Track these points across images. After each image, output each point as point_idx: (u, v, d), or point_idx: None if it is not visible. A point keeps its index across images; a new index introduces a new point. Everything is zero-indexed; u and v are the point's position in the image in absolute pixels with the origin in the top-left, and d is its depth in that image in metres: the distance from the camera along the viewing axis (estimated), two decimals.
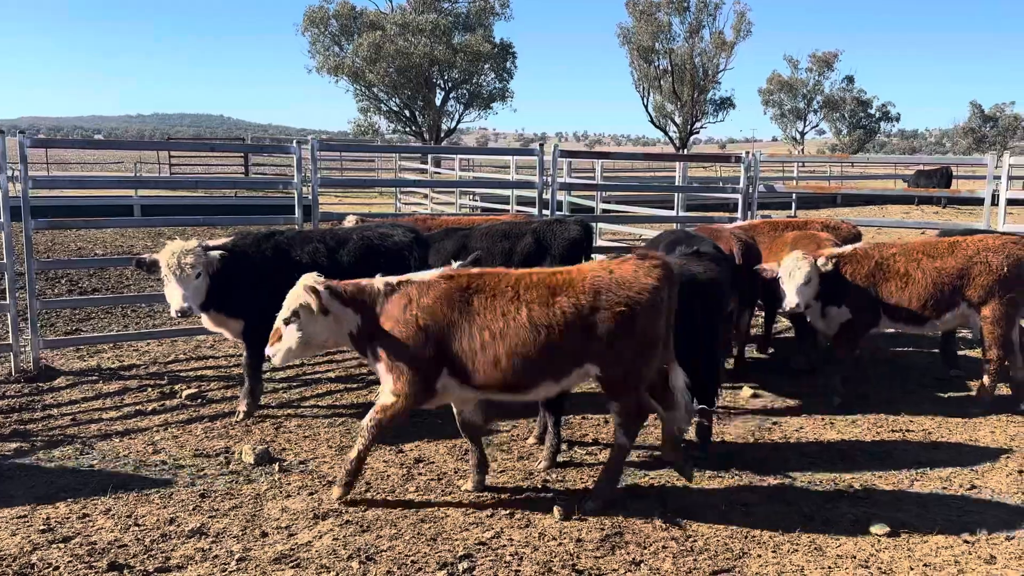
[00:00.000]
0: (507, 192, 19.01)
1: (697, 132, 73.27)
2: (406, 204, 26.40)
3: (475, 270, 5.38)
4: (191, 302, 6.40)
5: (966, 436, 6.87)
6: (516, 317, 4.98)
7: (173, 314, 6.47)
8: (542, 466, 6.00)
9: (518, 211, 15.85)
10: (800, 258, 7.13)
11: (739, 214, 11.02)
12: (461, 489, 5.61)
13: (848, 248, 7.45)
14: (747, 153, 10.99)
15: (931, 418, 7.29)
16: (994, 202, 9.99)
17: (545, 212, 10.33)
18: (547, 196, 10.20)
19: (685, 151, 62.09)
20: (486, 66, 55.02)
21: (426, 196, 25.10)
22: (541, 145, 10.08)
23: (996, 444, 6.68)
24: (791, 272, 7.14)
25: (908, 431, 6.98)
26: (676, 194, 13.29)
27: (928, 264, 7.26)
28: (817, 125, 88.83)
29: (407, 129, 57.07)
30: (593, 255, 9.64)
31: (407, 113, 55.83)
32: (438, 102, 55.83)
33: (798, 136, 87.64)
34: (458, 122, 57.94)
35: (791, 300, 7.16)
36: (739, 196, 11.01)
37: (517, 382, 5.08)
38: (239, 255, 6.58)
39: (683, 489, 5.70)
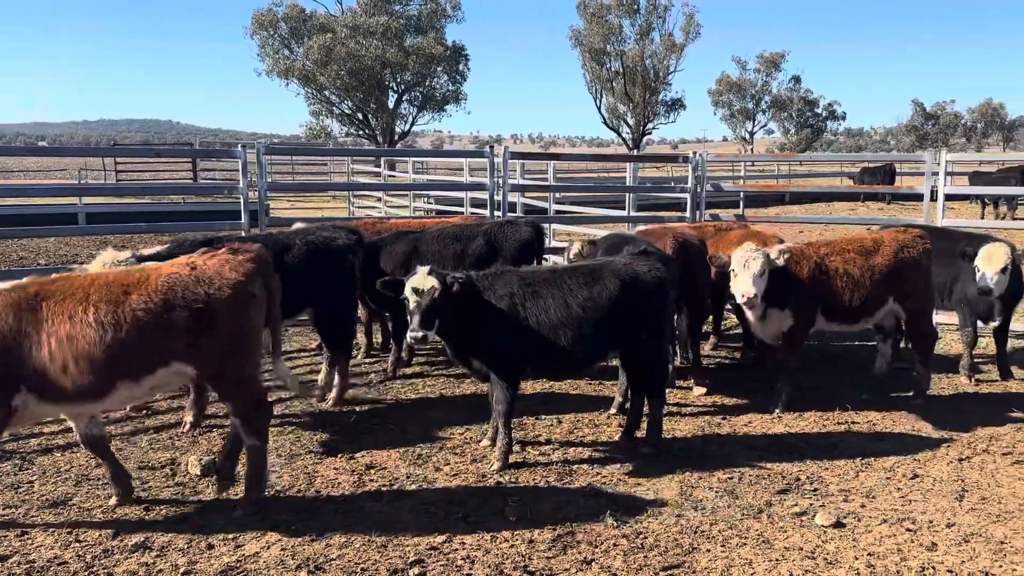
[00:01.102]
0: (462, 195, 18.96)
1: (649, 133, 74.03)
2: (360, 208, 26.23)
3: (51, 276, 5.03)
4: None
5: (909, 427, 7.03)
6: (83, 319, 4.73)
7: None
8: (495, 468, 5.99)
9: (472, 213, 15.82)
10: (754, 249, 7.12)
11: (688, 213, 11.14)
12: (416, 495, 5.57)
13: (786, 247, 7.51)
14: (694, 153, 11.13)
15: (876, 410, 7.44)
16: (933, 198, 10.24)
17: (497, 214, 10.34)
18: (499, 198, 10.18)
19: (638, 152, 62.73)
20: (439, 68, 54.87)
21: (380, 199, 24.97)
22: (491, 147, 10.09)
23: (938, 434, 6.84)
24: (746, 262, 7.03)
25: (854, 423, 7.12)
26: (627, 194, 13.36)
27: (861, 262, 7.38)
28: (766, 125, 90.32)
29: (360, 132, 56.72)
30: (547, 256, 9.69)
31: (360, 116, 55.50)
32: (391, 105, 55.53)
33: (747, 136, 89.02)
34: (411, 125, 57.74)
35: (748, 289, 6.94)
36: (687, 195, 11.12)
37: (91, 387, 4.77)
38: None
39: (635, 487, 5.74)
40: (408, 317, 5.86)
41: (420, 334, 5.75)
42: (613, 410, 7.30)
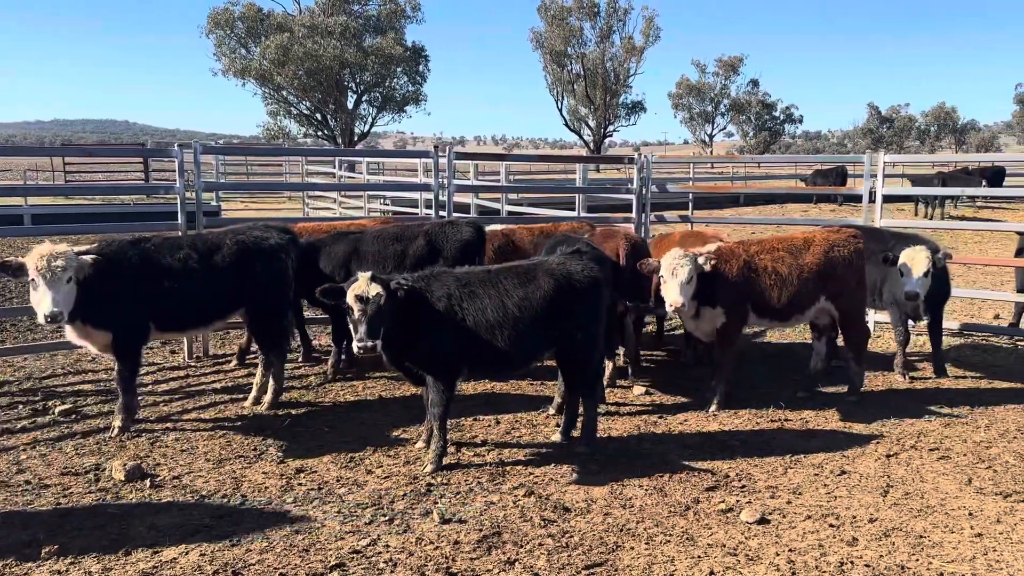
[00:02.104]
0: (426, 195, 18.84)
1: (610, 135, 74.53)
2: (314, 209, 26.01)
3: None
4: (62, 307, 6.05)
5: (841, 424, 7.13)
6: None
7: (41, 320, 6.08)
8: (427, 469, 5.95)
9: (426, 215, 15.75)
10: (681, 255, 7.16)
11: (633, 214, 11.20)
12: (346, 498, 5.51)
13: (713, 247, 7.56)
14: (639, 154, 11.19)
15: (809, 408, 7.55)
16: (872, 199, 10.42)
17: (443, 214, 10.28)
18: (443, 198, 10.13)
19: (600, 154, 63.17)
20: (398, 69, 54.60)
21: (335, 200, 24.76)
22: (436, 147, 10.03)
23: (868, 431, 6.95)
24: (674, 270, 7.08)
25: (787, 420, 7.21)
26: (577, 196, 13.41)
27: (791, 260, 7.46)
28: (725, 128, 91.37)
29: (319, 133, 56.23)
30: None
31: (318, 116, 55.03)
32: (350, 105, 55.15)
33: (707, 139, 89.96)
34: (371, 126, 57.36)
35: (675, 299, 7.02)
36: (633, 197, 11.18)
37: None
38: (104, 262, 6.29)
39: (566, 486, 5.74)
40: (352, 327, 5.74)
41: (369, 343, 5.62)
42: (552, 410, 7.30)
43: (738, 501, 5.53)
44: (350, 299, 5.66)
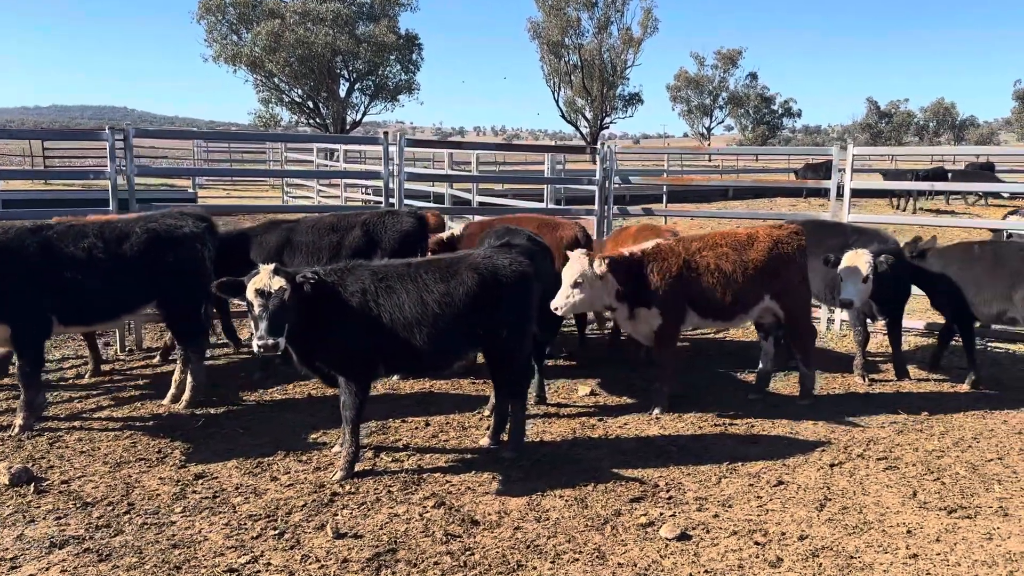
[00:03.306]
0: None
1: (607, 127, 73.99)
2: (294, 197, 25.62)
3: None
4: None
5: (788, 429, 6.76)
6: None
7: None
8: (336, 477, 5.57)
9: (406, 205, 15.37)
10: (581, 256, 6.71)
11: (596, 206, 10.79)
12: (239, 508, 5.14)
13: (651, 245, 7.12)
14: (602, 145, 10.78)
15: (757, 412, 7.17)
16: (840, 193, 10.02)
17: (408, 203, 9.91)
18: (393, 186, 9.74)
19: (596, 145, 62.62)
20: (391, 57, 54.08)
21: (315, 188, 24.34)
22: (385, 134, 9.63)
23: (815, 437, 6.58)
24: (567, 273, 6.70)
25: (732, 425, 6.83)
26: (545, 186, 13.01)
27: (734, 257, 7.06)
28: (723, 121, 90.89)
29: (311, 121, 55.75)
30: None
31: (310, 104, 54.58)
32: (342, 93, 54.68)
33: (705, 132, 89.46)
34: (363, 114, 56.88)
35: (556, 303, 6.66)
36: (595, 188, 10.77)
37: None
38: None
39: (483, 495, 5.37)
40: (252, 323, 5.36)
41: (270, 342, 5.21)
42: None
43: (662, 514, 5.15)
44: (250, 294, 5.27)
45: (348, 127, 55.32)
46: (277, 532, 4.80)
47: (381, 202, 19.00)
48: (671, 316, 7.00)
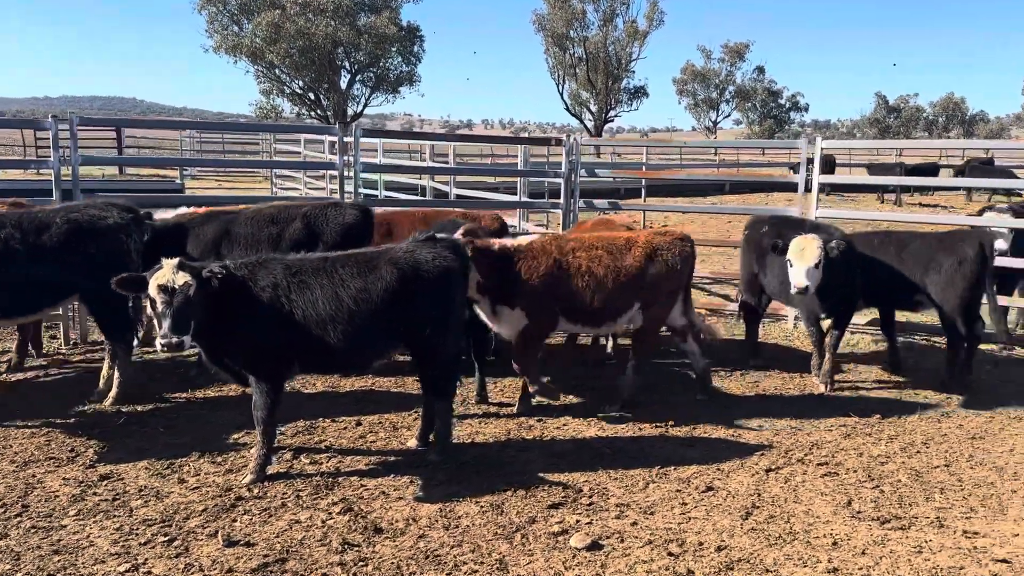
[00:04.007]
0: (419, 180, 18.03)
1: (611, 120, 73.63)
2: (282, 189, 25.40)
3: None
4: None
5: (731, 432, 6.51)
6: None
7: None
8: (246, 480, 5.35)
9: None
10: None
11: (561, 200, 10.54)
12: (136, 512, 4.93)
13: (523, 241, 6.75)
14: (568, 136, 10.52)
15: (703, 412, 6.93)
16: (808, 188, 9.74)
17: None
18: (350, 175, 9.51)
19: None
20: (392, 49, 53.84)
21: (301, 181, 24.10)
22: (340, 124, 9.40)
23: (758, 440, 6.34)
24: None
25: (673, 427, 6.58)
26: (518, 179, 12.75)
27: (609, 261, 6.67)
28: (729, 115, 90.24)
29: (312, 112, 55.56)
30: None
31: (311, 96, 54.43)
32: (343, 85, 54.50)
33: (711, 125, 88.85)
34: (364, 106, 56.70)
35: None
36: (560, 181, 10.51)
37: None
38: None
39: (395, 501, 5.14)
40: (155, 320, 5.14)
41: (174, 340, 4.99)
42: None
43: (578, 521, 4.92)
44: (152, 290, 5.04)
45: (349, 119, 55.11)
46: (168, 539, 4.59)
47: (375, 195, 18.93)
48: (536, 318, 6.59)
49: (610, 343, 8.65)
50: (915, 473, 5.75)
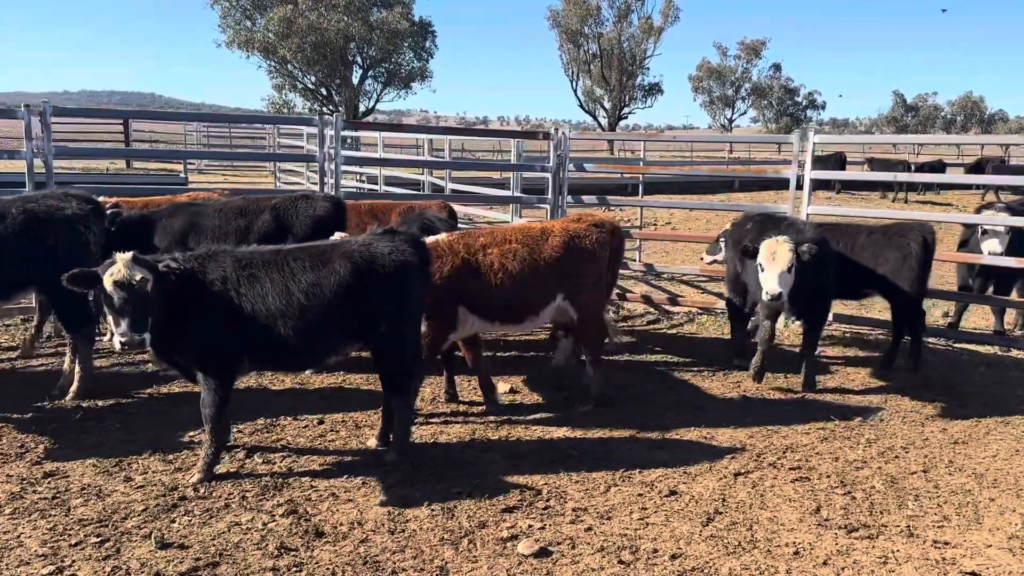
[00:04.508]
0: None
1: (625, 117, 73.27)
2: (287, 183, 25.33)
3: None
4: None
5: (703, 434, 6.29)
6: None
7: None
8: (193, 479, 5.19)
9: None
10: None
11: (549, 195, 10.33)
12: (74, 511, 4.78)
13: (430, 240, 6.38)
14: (556, 130, 10.29)
15: (679, 413, 6.71)
16: (799, 185, 9.46)
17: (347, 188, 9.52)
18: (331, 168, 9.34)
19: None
20: (404, 44, 53.73)
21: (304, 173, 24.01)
22: (321, 115, 9.23)
23: (730, 443, 6.11)
24: None
25: (645, 427, 6.36)
26: (512, 173, 12.54)
27: (524, 254, 6.39)
28: (745, 112, 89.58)
29: (324, 108, 55.51)
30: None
31: (323, 91, 54.43)
32: (355, 80, 54.45)
33: (727, 123, 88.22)
34: (376, 101, 56.65)
35: None
36: (548, 176, 10.29)
37: None
38: None
39: (344, 503, 4.97)
40: (111, 319, 4.96)
41: (136, 338, 4.83)
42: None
43: (530, 526, 4.72)
44: (108, 285, 4.87)
45: (361, 114, 55.03)
46: (100, 539, 4.43)
47: (376, 189, 18.75)
48: (438, 321, 6.30)
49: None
50: (890, 479, 5.51)
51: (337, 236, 6.33)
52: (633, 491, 5.24)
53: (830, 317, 8.78)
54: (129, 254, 4.98)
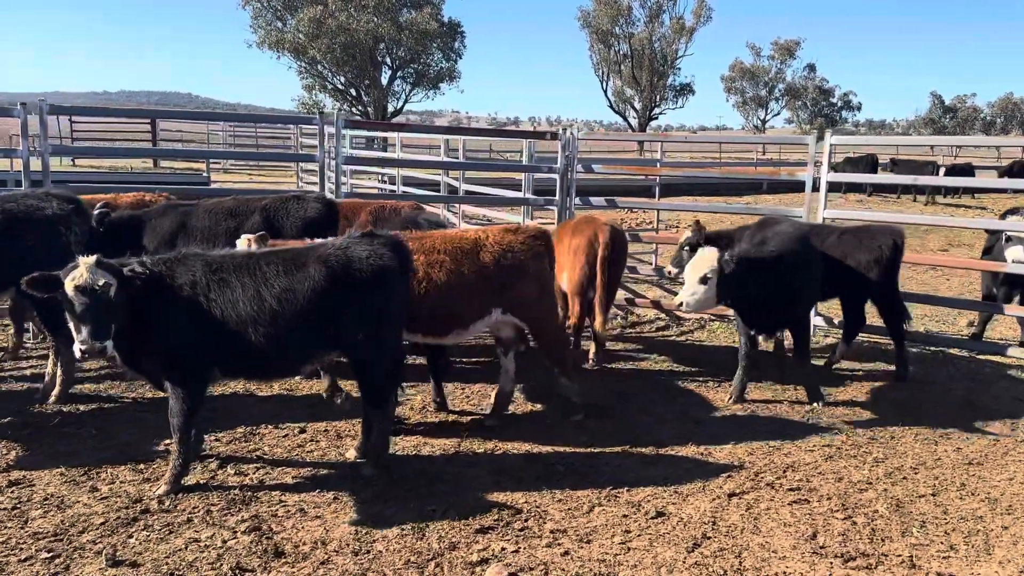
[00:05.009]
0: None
1: (656, 118, 72.66)
2: (307, 183, 25.30)
3: None
4: None
5: (700, 450, 5.97)
6: None
7: None
8: (159, 491, 5.00)
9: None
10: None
11: (556, 197, 10.04)
12: (31, 523, 4.61)
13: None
14: (564, 130, 10.01)
15: (676, 428, 6.40)
16: (815, 187, 9.08)
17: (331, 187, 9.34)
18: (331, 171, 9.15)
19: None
20: (433, 45, 53.75)
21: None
22: (321, 114, 9.05)
23: (728, 460, 5.79)
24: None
25: (639, 441, 6.07)
26: (523, 175, 12.28)
27: (451, 266, 6.04)
28: (779, 113, 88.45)
29: (353, 108, 55.68)
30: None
31: (353, 92, 54.60)
32: (384, 81, 54.56)
33: (760, 124, 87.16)
34: (404, 102, 56.69)
35: None
36: (556, 176, 10.01)
37: None
38: None
39: (312, 520, 4.75)
40: (73, 324, 4.76)
41: (97, 346, 4.64)
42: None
43: (504, 549, 4.46)
44: (69, 290, 4.68)
45: (389, 115, 55.10)
46: (51, 555, 4.25)
47: (395, 190, 18.60)
48: None
49: (592, 348, 8.12)
50: (896, 503, 5.16)
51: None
52: (618, 511, 4.95)
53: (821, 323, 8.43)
54: (93, 258, 4.79)
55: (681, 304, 6.57)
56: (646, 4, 65.62)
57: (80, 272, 4.69)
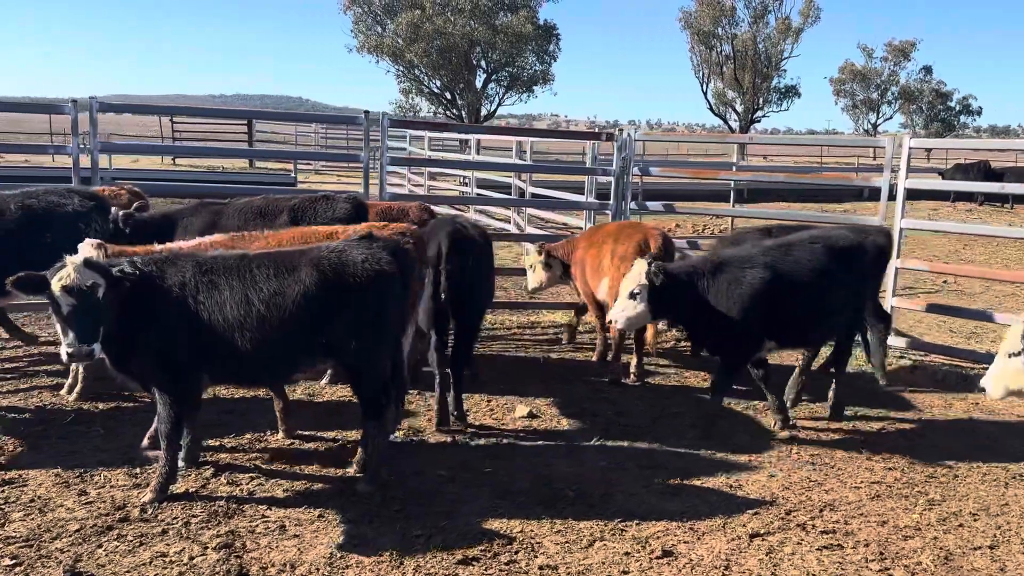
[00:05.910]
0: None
1: (758, 120, 70.58)
2: (391, 185, 25.47)
3: None
4: None
5: (731, 480, 5.41)
6: None
7: None
8: (145, 499, 4.82)
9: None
10: None
11: (611, 201, 9.55)
12: (7, 526, 4.51)
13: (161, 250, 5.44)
14: (621, 131, 9.52)
15: (708, 452, 5.86)
16: (892, 195, 8.29)
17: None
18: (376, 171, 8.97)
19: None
20: (527, 48, 53.74)
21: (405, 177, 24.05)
22: (366, 113, 8.87)
23: (759, 495, 5.21)
24: None
25: (662, 466, 5.56)
26: (585, 178, 11.85)
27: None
28: (891, 117, 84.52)
29: (447, 112, 56.25)
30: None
31: (447, 95, 55.13)
32: (479, 84, 54.88)
33: (871, 128, 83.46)
34: (498, 105, 56.88)
35: None
36: (611, 179, 9.52)
37: None
38: None
39: (291, 539, 4.48)
40: (60, 327, 4.63)
41: (84, 350, 4.48)
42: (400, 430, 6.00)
43: None
44: (56, 290, 4.55)
45: (482, 118, 55.34)
46: (14, 562, 4.12)
47: (470, 191, 18.47)
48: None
49: (634, 360, 7.61)
50: (944, 555, 4.50)
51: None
52: (620, 548, 4.48)
53: None
54: (81, 257, 4.67)
55: (611, 322, 6.07)
56: (751, 4, 63.74)
57: (67, 272, 4.54)
